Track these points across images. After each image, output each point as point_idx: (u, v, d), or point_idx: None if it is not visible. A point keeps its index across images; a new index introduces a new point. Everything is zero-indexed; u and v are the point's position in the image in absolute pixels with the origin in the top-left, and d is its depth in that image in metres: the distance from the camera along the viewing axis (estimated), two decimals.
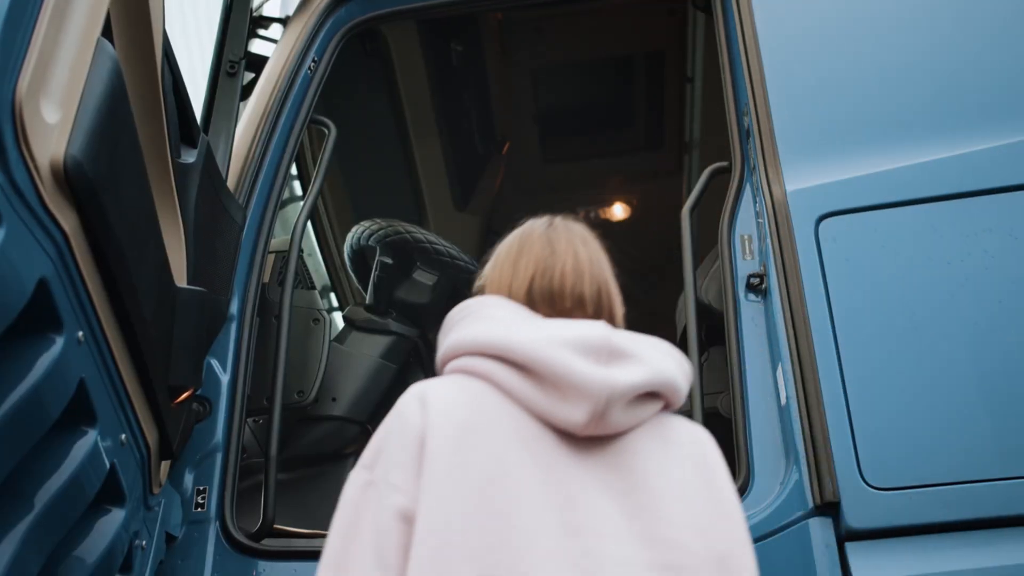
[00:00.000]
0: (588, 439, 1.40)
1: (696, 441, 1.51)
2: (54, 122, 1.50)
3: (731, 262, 2.49)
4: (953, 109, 2.41)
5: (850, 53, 2.61)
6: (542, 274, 1.56)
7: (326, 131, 3.26)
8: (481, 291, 1.64)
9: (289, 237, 2.98)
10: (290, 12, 3.33)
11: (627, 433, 1.43)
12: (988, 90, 2.42)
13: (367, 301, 3.53)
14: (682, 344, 2.87)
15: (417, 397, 1.42)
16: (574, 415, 1.37)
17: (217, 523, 2.41)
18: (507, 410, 1.40)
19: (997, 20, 2.54)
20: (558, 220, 1.66)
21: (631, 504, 1.38)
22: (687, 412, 2.56)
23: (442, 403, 1.40)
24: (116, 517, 1.90)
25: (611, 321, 1.55)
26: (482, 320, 1.50)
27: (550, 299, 1.54)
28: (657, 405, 1.47)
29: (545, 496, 1.34)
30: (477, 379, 1.44)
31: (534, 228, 1.65)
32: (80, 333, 1.64)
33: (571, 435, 1.40)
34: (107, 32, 1.74)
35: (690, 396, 2.48)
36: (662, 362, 1.46)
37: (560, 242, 1.60)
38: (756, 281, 2.42)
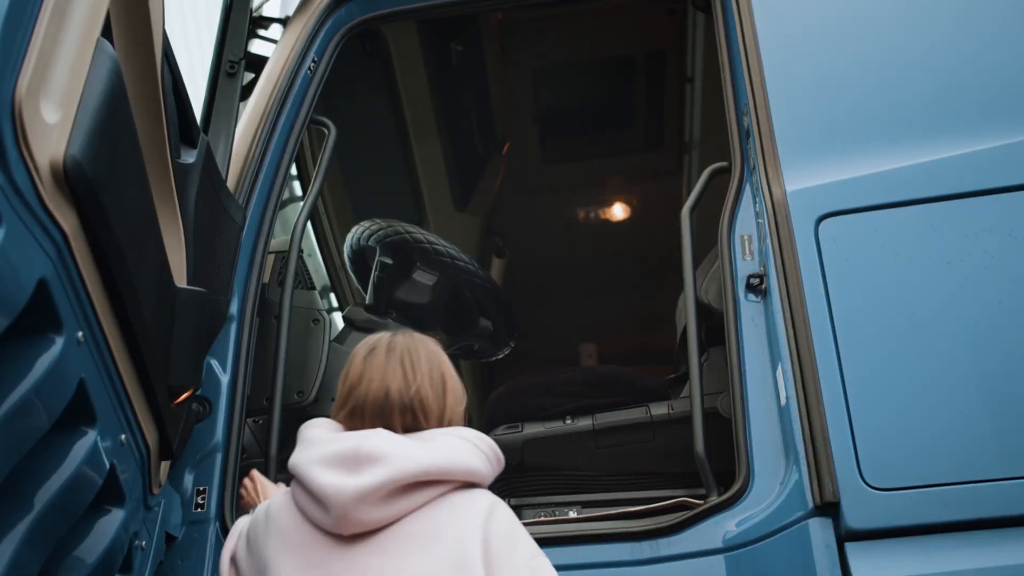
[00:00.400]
0: (355, 536, 1.72)
1: (467, 523, 1.71)
2: (54, 122, 1.50)
3: (731, 262, 2.49)
4: (953, 109, 2.41)
5: (850, 53, 2.61)
6: (348, 392, 1.88)
7: (326, 131, 3.26)
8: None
9: (289, 237, 2.98)
10: (290, 12, 3.33)
11: (401, 520, 1.72)
12: (988, 90, 2.41)
13: (367, 301, 3.53)
14: (682, 344, 2.88)
15: (263, 508, 1.90)
16: (325, 520, 1.71)
17: (217, 523, 2.41)
18: (292, 519, 1.79)
19: (997, 20, 2.54)
20: (397, 338, 1.94)
21: None
22: (687, 414, 2.56)
23: (261, 514, 1.88)
24: (116, 517, 1.90)
25: (413, 424, 1.83)
26: (299, 443, 1.86)
27: (352, 413, 1.86)
28: (436, 489, 1.73)
29: None
30: (289, 494, 1.84)
31: (356, 352, 1.95)
32: (80, 333, 1.64)
33: (339, 535, 1.72)
34: (107, 32, 1.74)
35: (690, 397, 2.48)
36: (420, 455, 1.72)
37: (375, 360, 1.89)
38: (756, 281, 2.42)
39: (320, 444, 1.80)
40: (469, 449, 1.79)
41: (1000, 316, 2.09)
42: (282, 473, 2.72)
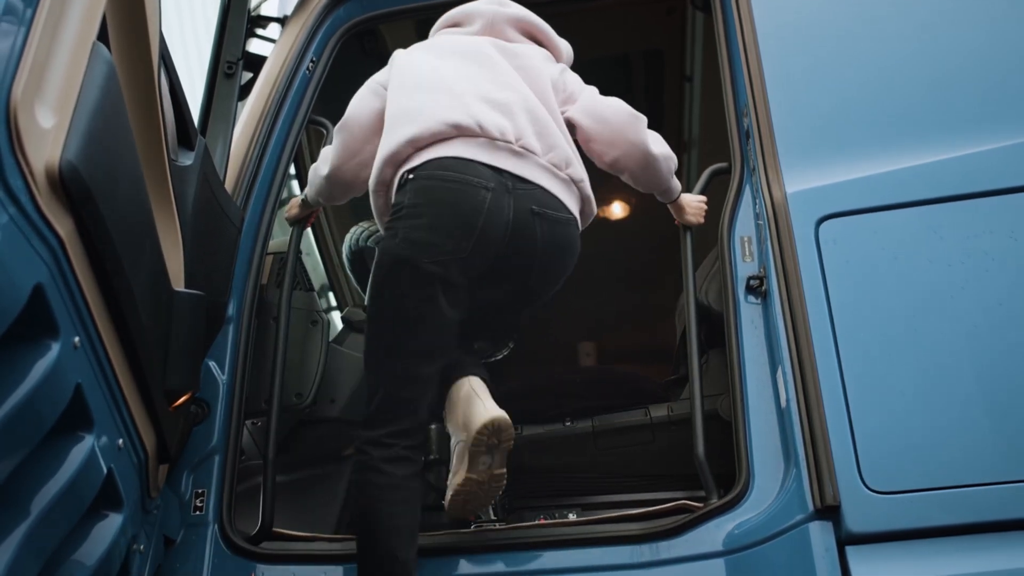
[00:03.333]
0: None
1: None
2: (49, 126, 1.49)
3: (731, 264, 2.49)
4: (954, 111, 2.40)
5: (850, 53, 2.60)
6: None
7: (324, 131, 3.25)
8: None
9: (287, 238, 2.98)
10: (288, 12, 3.32)
11: None
12: (989, 92, 2.41)
13: (366, 302, 3.52)
14: (682, 346, 2.87)
15: None
16: None
17: (215, 526, 2.40)
18: None
19: (997, 22, 2.53)
20: None
21: None
22: (687, 416, 2.56)
23: None
24: (114, 522, 1.90)
25: None
26: None
27: None
28: None
29: None
30: None
31: None
32: (76, 338, 1.63)
33: None
34: (103, 36, 1.73)
35: (690, 399, 2.48)
36: None
37: None
38: (756, 283, 2.41)
39: None
40: None
41: (1001, 318, 2.08)
42: (281, 474, 2.73)
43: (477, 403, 2.34)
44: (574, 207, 2.47)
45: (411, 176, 2.33)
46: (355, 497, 2.19)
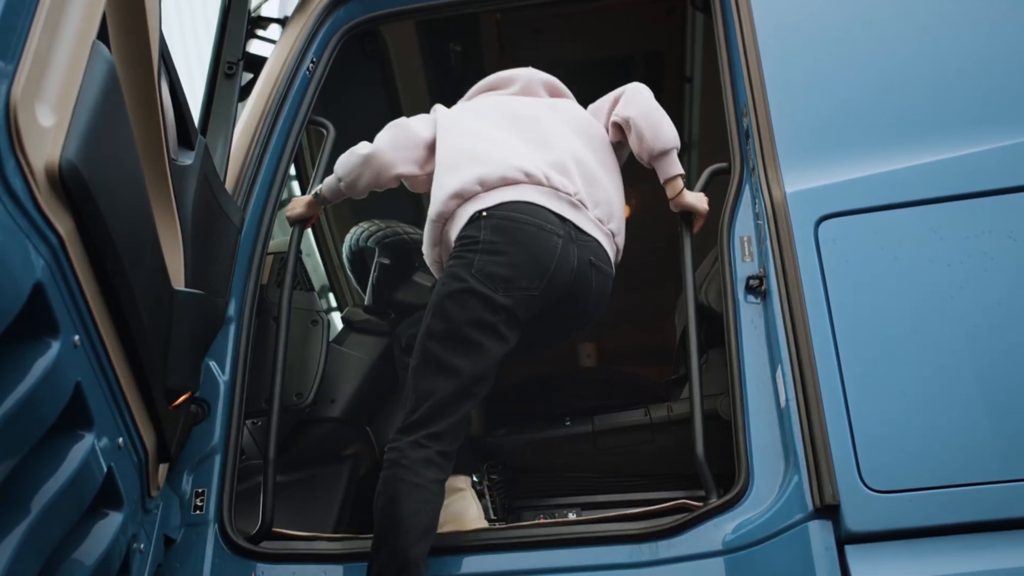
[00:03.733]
0: None
1: None
2: (49, 125, 1.49)
3: (730, 264, 2.49)
4: (953, 111, 2.40)
5: (850, 54, 2.60)
6: None
7: (325, 132, 3.26)
8: None
9: (288, 238, 2.98)
10: (288, 12, 3.33)
11: None
12: (988, 91, 2.41)
13: (366, 302, 3.52)
14: (682, 345, 2.87)
15: None
16: None
17: (216, 525, 2.40)
18: None
19: (998, 22, 2.53)
20: None
21: None
22: (686, 415, 2.55)
23: None
24: (114, 521, 1.90)
25: None
26: None
27: None
28: None
29: None
30: None
31: None
32: (76, 337, 1.63)
33: None
34: (103, 35, 1.73)
35: (690, 399, 2.48)
36: None
37: None
38: (755, 283, 2.41)
39: None
40: None
41: (1000, 318, 2.08)
42: (281, 474, 2.73)
43: (472, 505, 2.49)
44: (613, 259, 2.70)
45: (485, 213, 2.51)
46: (379, 491, 2.26)
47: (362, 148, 2.79)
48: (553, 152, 2.65)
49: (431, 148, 2.75)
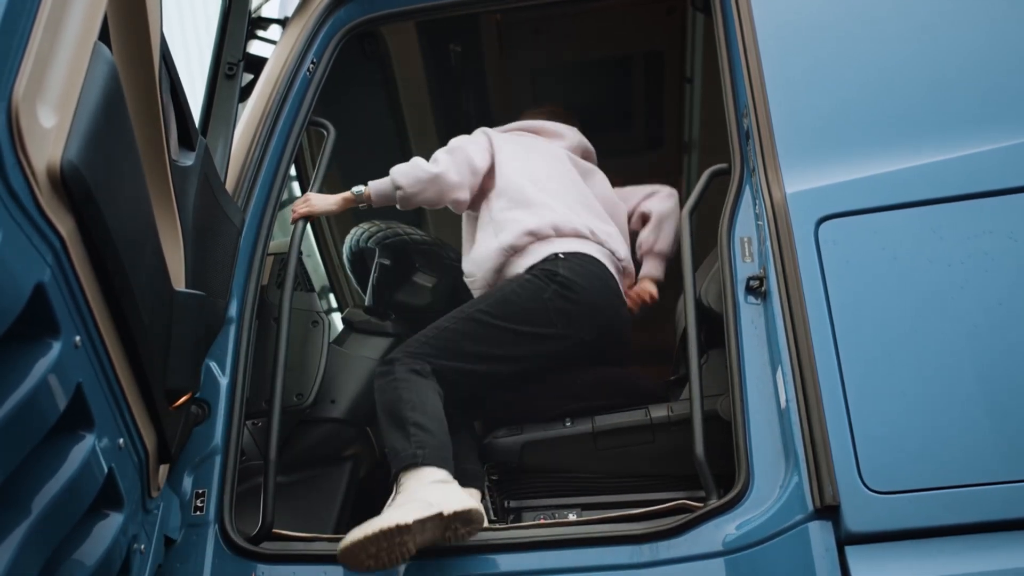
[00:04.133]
0: None
1: None
2: (50, 126, 1.49)
3: (731, 264, 2.49)
4: (954, 111, 2.40)
5: (850, 54, 2.60)
6: None
7: (325, 132, 3.26)
8: None
9: (288, 239, 2.98)
10: (289, 13, 3.33)
11: None
12: (989, 92, 2.41)
13: (366, 303, 3.52)
14: (682, 346, 2.87)
15: None
16: None
17: (216, 526, 2.40)
18: None
19: (997, 23, 2.53)
20: None
21: None
22: (686, 416, 2.55)
23: None
24: (114, 521, 1.90)
25: None
26: None
27: None
28: None
29: None
30: None
31: None
32: (77, 337, 1.63)
33: None
34: (104, 36, 1.74)
35: (690, 399, 2.48)
36: None
37: None
38: (756, 284, 2.41)
39: None
40: None
41: (1001, 318, 2.08)
42: (281, 475, 2.73)
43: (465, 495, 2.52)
44: None
45: (562, 256, 2.86)
46: (377, 401, 2.62)
47: (429, 166, 3.03)
48: (600, 218, 3.06)
49: (483, 176, 3.09)
